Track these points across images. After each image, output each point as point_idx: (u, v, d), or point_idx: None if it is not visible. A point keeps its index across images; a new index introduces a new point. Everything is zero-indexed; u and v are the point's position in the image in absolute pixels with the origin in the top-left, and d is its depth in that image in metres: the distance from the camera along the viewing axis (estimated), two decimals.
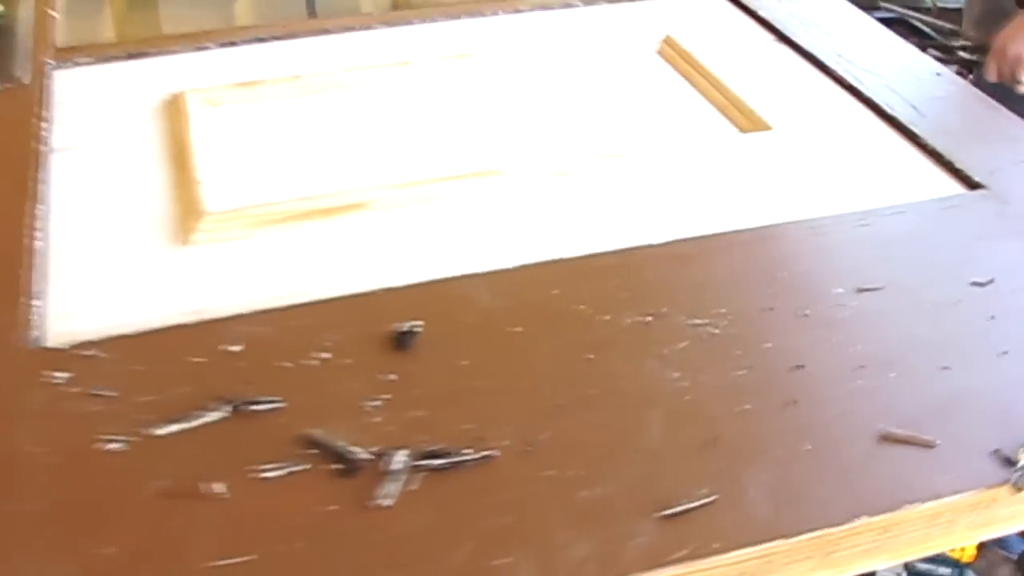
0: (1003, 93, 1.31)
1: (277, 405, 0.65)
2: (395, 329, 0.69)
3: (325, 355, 0.68)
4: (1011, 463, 0.59)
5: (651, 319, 0.70)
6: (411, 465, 0.60)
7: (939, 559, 1.55)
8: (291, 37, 1.09)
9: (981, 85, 1.24)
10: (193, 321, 0.72)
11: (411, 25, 1.11)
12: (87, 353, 0.69)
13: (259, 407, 0.64)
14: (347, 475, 0.60)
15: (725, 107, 0.95)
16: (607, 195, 0.84)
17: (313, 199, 0.82)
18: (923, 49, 1.15)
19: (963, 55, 1.58)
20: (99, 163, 0.90)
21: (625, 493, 0.58)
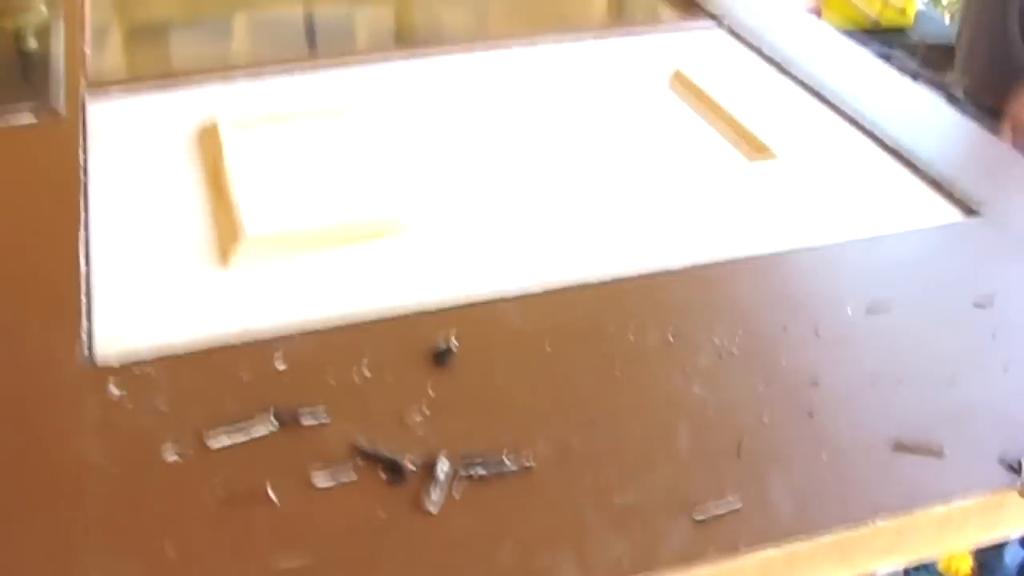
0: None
1: (323, 419, 0.68)
2: (433, 347, 0.73)
3: (367, 372, 0.72)
4: (1016, 469, 0.63)
5: (674, 338, 0.74)
6: (454, 474, 0.64)
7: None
8: (318, 69, 1.13)
9: None
10: (238, 340, 0.76)
11: (432, 58, 1.15)
12: (140, 370, 0.73)
13: (306, 420, 0.68)
14: (394, 483, 0.64)
15: (733, 138, 0.99)
16: (627, 221, 0.88)
17: (348, 224, 0.86)
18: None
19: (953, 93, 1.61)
20: (137, 190, 0.94)
21: (657, 498, 0.62)
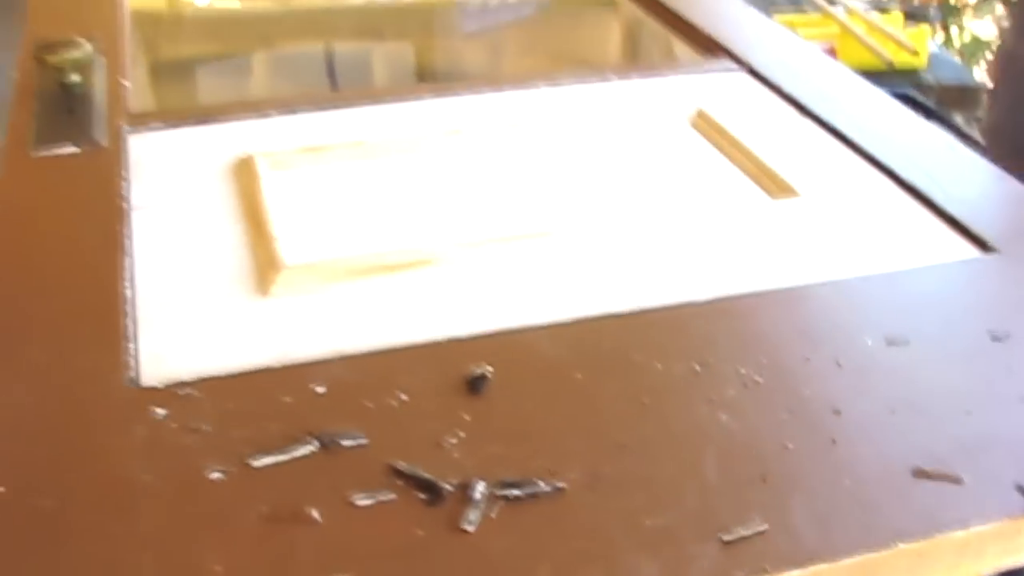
0: None
1: (362, 441, 0.71)
2: (467, 374, 0.76)
3: (403, 396, 0.74)
4: None
5: (699, 368, 0.77)
6: (490, 495, 0.66)
7: None
8: (348, 106, 1.17)
9: None
10: (278, 365, 0.78)
11: (459, 96, 1.19)
12: (183, 392, 0.75)
13: (346, 442, 0.71)
14: (432, 504, 0.66)
15: (756, 175, 1.02)
16: (652, 255, 0.90)
17: (382, 255, 0.89)
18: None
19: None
20: (176, 219, 0.97)
21: (686, 521, 0.64)
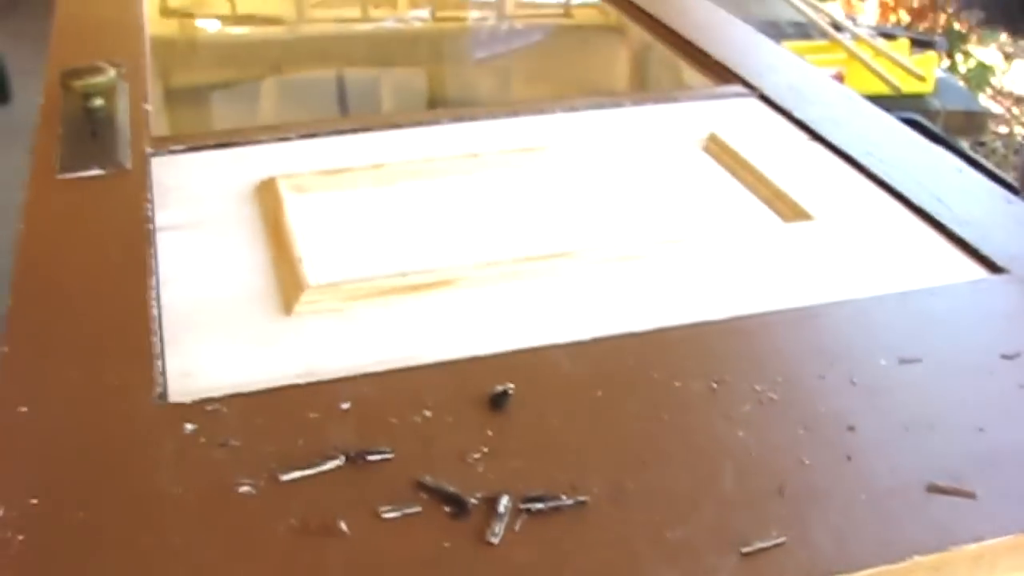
0: None
1: (387, 456, 0.73)
2: (489, 391, 0.78)
3: (427, 413, 0.76)
4: None
5: (717, 385, 0.79)
6: (514, 508, 0.68)
7: None
8: (366, 130, 1.19)
9: None
10: (303, 382, 0.80)
11: (476, 121, 1.21)
12: (210, 408, 0.77)
13: (372, 457, 0.73)
14: (457, 517, 0.68)
15: (768, 198, 1.04)
16: (669, 276, 0.92)
17: (404, 276, 0.91)
18: None
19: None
20: (201, 241, 0.99)
21: (706, 534, 0.66)
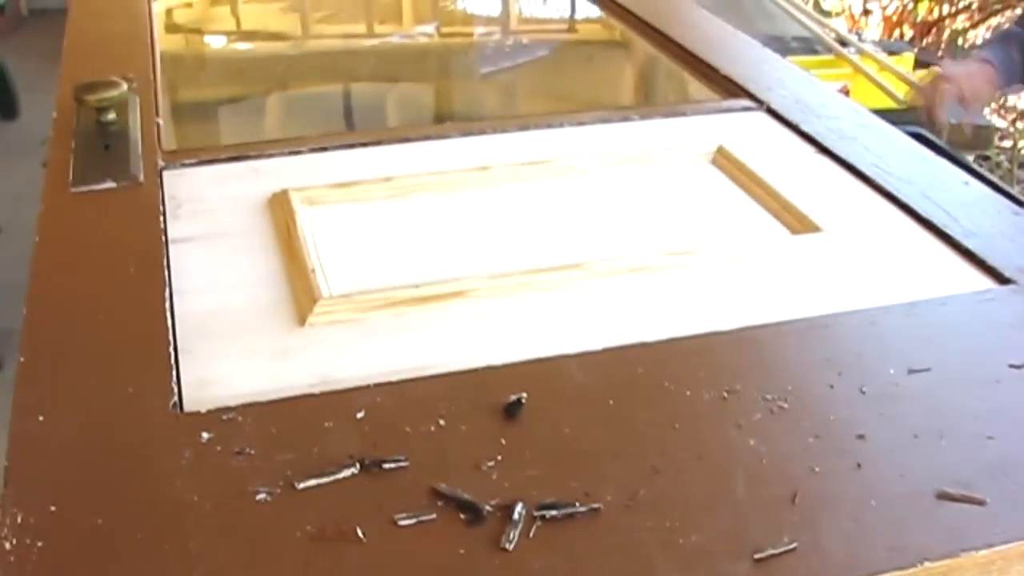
0: None
1: (402, 464, 0.73)
2: (503, 400, 0.78)
3: (441, 422, 0.77)
4: None
5: (728, 395, 0.79)
6: (528, 515, 0.69)
7: None
8: (377, 144, 1.20)
9: None
10: (318, 391, 0.81)
11: (485, 135, 1.22)
12: (226, 417, 0.78)
13: (387, 465, 0.73)
14: (472, 524, 0.69)
15: (777, 211, 1.05)
16: (679, 287, 0.93)
17: (416, 287, 0.92)
18: None
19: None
20: (214, 252, 1.00)
21: (719, 540, 0.66)
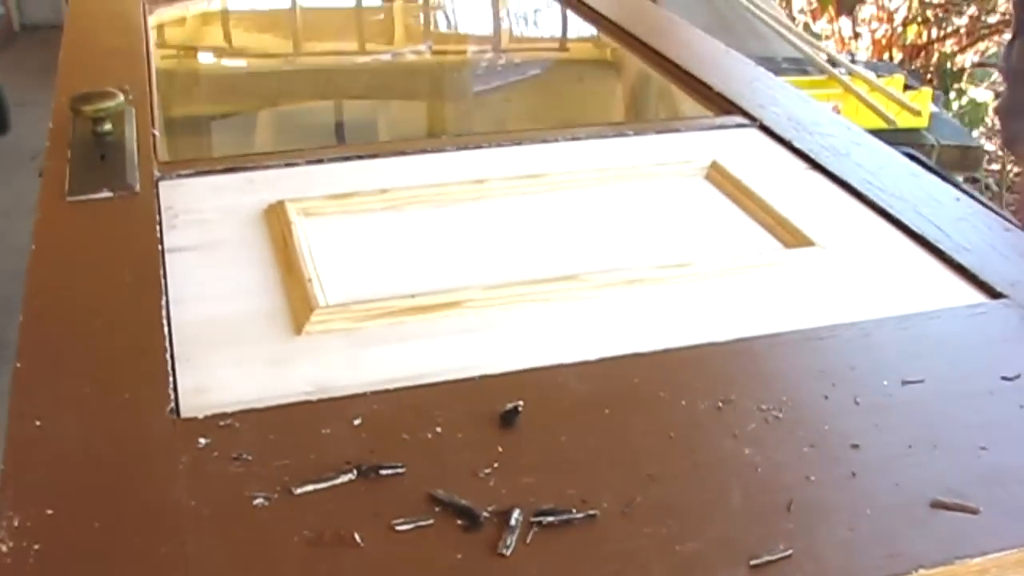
0: None
1: (399, 470, 0.74)
2: (499, 408, 0.79)
3: (438, 429, 0.77)
4: None
5: (723, 405, 0.80)
6: (525, 521, 0.69)
7: None
8: (372, 157, 1.21)
9: None
10: (315, 399, 0.81)
11: (480, 149, 1.23)
12: (223, 423, 0.78)
13: (384, 471, 0.74)
14: (470, 530, 0.69)
15: (770, 225, 1.06)
16: (674, 299, 0.94)
17: (412, 298, 0.92)
18: None
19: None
20: (210, 262, 1.01)
21: (716, 547, 0.67)
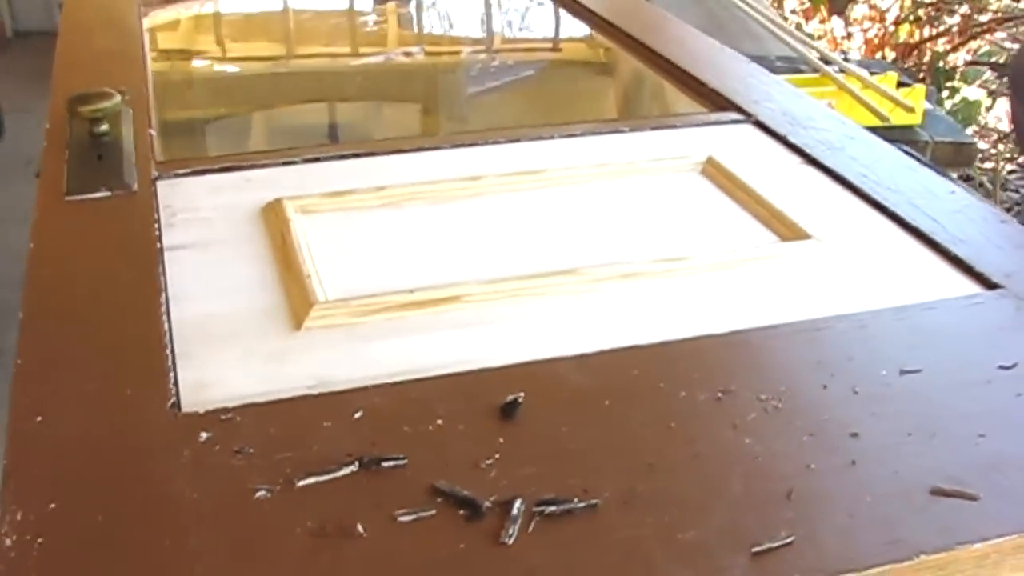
0: None
1: (401, 462, 0.74)
2: (499, 401, 0.79)
3: (439, 422, 0.78)
4: None
5: (722, 395, 0.80)
6: (527, 511, 0.69)
7: None
8: (368, 155, 1.21)
9: None
10: (315, 393, 0.82)
11: (477, 146, 1.23)
12: (224, 417, 0.78)
13: (386, 464, 0.74)
14: (472, 520, 0.69)
15: (766, 219, 1.06)
16: (671, 293, 0.94)
17: (411, 293, 0.93)
18: None
19: None
20: (209, 260, 1.01)
21: (717, 535, 0.67)
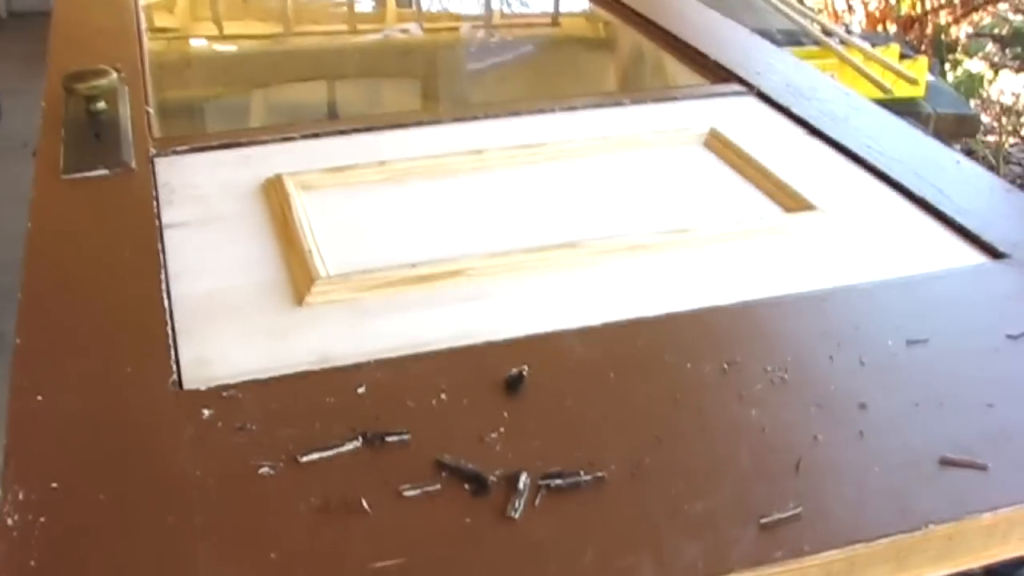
0: None
1: (405, 437, 0.73)
2: (504, 374, 0.78)
3: (443, 396, 0.77)
4: None
5: (728, 367, 0.80)
6: (533, 484, 0.69)
7: None
8: (369, 130, 1.20)
9: None
10: (318, 368, 0.81)
11: (478, 120, 1.22)
12: (226, 394, 0.78)
13: (390, 439, 0.73)
14: (477, 495, 0.68)
15: (770, 190, 1.05)
16: (676, 264, 0.93)
17: (413, 267, 0.92)
18: None
19: None
20: (209, 237, 1.00)
21: (724, 507, 0.67)
